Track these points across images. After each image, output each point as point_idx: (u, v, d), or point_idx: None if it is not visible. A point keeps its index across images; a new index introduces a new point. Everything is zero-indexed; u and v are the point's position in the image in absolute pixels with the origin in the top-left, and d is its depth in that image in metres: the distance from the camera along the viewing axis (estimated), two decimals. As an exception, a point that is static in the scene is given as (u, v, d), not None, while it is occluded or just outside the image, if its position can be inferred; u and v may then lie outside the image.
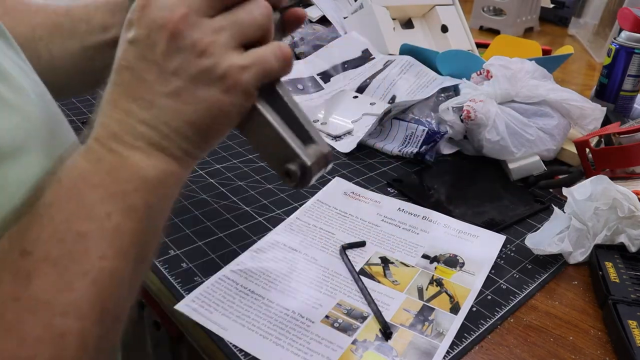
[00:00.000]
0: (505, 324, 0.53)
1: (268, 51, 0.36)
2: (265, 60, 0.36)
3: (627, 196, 0.59)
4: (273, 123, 0.37)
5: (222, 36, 0.34)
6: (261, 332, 0.50)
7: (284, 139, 0.37)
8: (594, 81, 1.07)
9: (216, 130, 0.36)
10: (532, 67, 0.80)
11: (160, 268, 0.57)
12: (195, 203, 0.68)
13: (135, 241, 0.34)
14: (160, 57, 0.34)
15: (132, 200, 0.34)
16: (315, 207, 0.68)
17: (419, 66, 0.96)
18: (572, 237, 0.61)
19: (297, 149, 0.37)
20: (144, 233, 0.35)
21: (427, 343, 0.50)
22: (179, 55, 0.34)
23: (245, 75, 0.35)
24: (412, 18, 1.18)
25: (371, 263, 0.59)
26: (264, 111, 0.37)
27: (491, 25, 1.54)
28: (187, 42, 0.34)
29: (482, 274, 0.59)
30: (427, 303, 0.54)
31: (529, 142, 0.76)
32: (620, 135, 0.78)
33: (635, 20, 0.94)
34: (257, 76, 0.35)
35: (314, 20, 1.32)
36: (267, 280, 0.56)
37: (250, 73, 0.35)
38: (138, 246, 0.34)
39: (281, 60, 0.36)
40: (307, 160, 0.37)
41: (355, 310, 0.53)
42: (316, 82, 1.01)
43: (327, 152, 0.38)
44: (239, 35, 0.35)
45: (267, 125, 0.37)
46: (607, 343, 0.52)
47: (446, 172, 0.80)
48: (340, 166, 0.79)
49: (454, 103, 0.80)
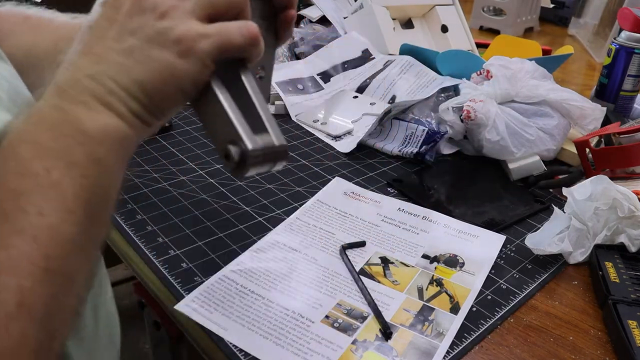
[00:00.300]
0: (505, 324, 0.53)
1: (233, 26, 0.36)
2: (227, 33, 0.35)
3: (627, 196, 0.59)
4: (223, 101, 0.36)
5: (187, 3, 0.35)
6: (261, 332, 0.50)
7: (231, 119, 0.36)
8: (594, 81, 1.07)
9: (167, 96, 0.35)
10: (532, 67, 0.80)
11: (160, 268, 0.57)
12: (195, 203, 0.68)
13: (81, 198, 0.32)
14: (122, 16, 0.34)
15: (74, 156, 0.32)
16: (315, 207, 0.68)
17: (419, 66, 0.96)
18: (572, 237, 0.61)
19: (241, 131, 0.35)
20: (90, 190, 0.33)
21: (427, 343, 0.50)
22: (141, 17, 0.34)
23: (203, 43, 0.34)
24: (412, 18, 1.18)
25: (371, 263, 0.59)
26: (216, 87, 0.36)
27: (491, 25, 1.54)
28: (149, 4, 0.34)
29: (482, 274, 0.59)
30: (427, 303, 0.54)
31: (529, 142, 0.76)
32: (620, 135, 0.78)
33: (635, 20, 0.94)
34: (215, 47, 0.35)
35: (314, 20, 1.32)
36: (267, 280, 0.56)
37: (208, 42, 0.35)
38: (85, 204, 0.33)
39: (246, 38, 0.36)
40: (249, 145, 0.35)
41: (355, 310, 0.53)
42: (316, 82, 1.01)
43: (278, 146, 0.37)
44: (207, 5, 0.35)
45: (217, 102, 0.36)
46: (607, 343, 0.52)
47: (446, 172, 0.80)
48: (340, 166, 0.79)
49: (454, 103, 0.80)
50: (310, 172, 0.77)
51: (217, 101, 0.36)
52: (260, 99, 0.38)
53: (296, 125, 0.91)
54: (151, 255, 0.59)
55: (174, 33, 0.34)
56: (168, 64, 0.34)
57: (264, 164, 0.37)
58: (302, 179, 0.75)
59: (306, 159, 0.81)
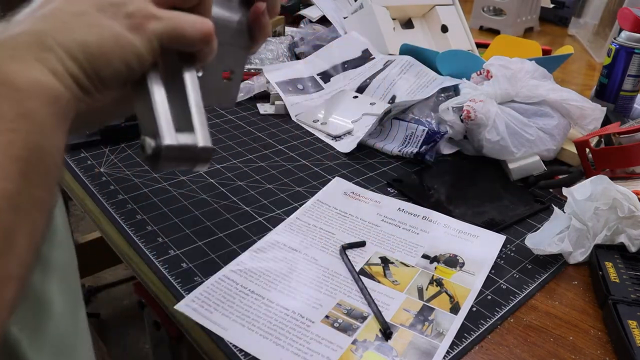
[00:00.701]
0: (505, 324, 0.53)
1: (187, 17, 0.36)
2: (179, 21, 0.35)
3: (627, 196, 0.59)
4: (152, 93, 0.36)
5: None
6: (261, 332, 0.50)
7: (154, 112, 0.35)
8: (594, 81, 1.07)
9: (109, 63, 0.34)
10: (532, 67, 0.80)
11: (160, 268, 0.57)
12: (195, 203, 0.68)
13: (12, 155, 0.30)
14: None
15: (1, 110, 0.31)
16: (315, 207, 0.68)
17: (419, 66, 0.96)
18: (572, 237, 0.61)
19: (161, 125, 0.35)
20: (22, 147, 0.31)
21: (427, 343, 0.50)
22: None
23: (153, 24, 0.35)
24: (412, 18, 1.18)
25: (371, 263, 0.59)
26: (151, 78, 0.36)
27: (491, 25, 1.54)
28: None
29: (482, 274, 0.59)
30: (427, 303, 0.54)
31: (529, 142, 0.76)
32: (620, 135, 0.78)
33: (635, 20, 0.94)
34: (165, 31, 0.35)
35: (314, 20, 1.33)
36: (267, 280, 0.56)
37: (158, 24, 0.35)
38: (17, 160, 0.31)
39: (197, 32, 0.36)
40: (164, 141, 0.35)
41: (355, 310, 0.53)
42: (316, 82, 1.01)
43: (200, 147, 0.36)
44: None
45: (147, 93, 0.36)
46: (607, 343, 0.52)
47: (446, 172, 0.80)
48: (340, 166, 0.79)
49: (454, 103, 0.80)
50: (310, 172, 0.77)
51: (147, 92, 0.36)
52: (197, 99, 0.37)
53: (296, 125, 0.91)
54: (151, 255, 0.59)
55: (127, 7, 0.34)
56: (115, 33, 0.34)
57: (181, 163, 0.36)
58: (302, 179, 0.75)
59: (306, 159, 0.81)
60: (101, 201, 0.68)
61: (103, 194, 0.69)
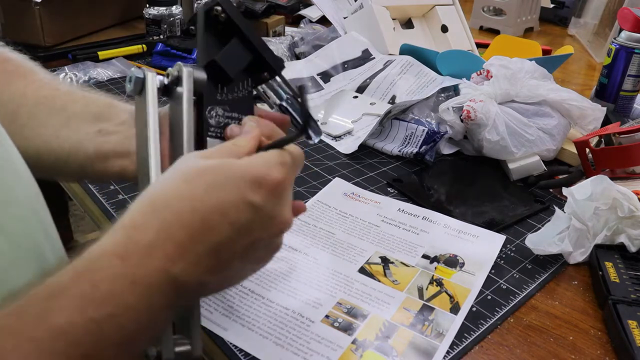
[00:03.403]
0: (505, 324, 0.53)
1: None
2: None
3: (627, 196, 0.59)
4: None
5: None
6: (261, 332, 0.50)
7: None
8: (594, 81, 1.07)
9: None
10: (532, 67, 0.80)
11: (160, 268, 0.57)
12: (195, 203, 0.68)
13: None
14: (243, 248, 0.37)
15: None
16: (315, 207, 0.68)
17: (419, 66, 0.96)
18: (572, 237, 0.61)
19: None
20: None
21: (427, 343, 0.50)
22: (265, 239, 0.38)
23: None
24: (412, 18, 1.18)
25: (371, 262, 0.59)
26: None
27: (491, 25, 1.54)
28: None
29: (482, 274, 0.59)
30: (427, 303, 0.54)
31: (529, 142, 0.76)
32: (620, 135, 0.78)
33: (635, 20, 0.94)
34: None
35: (314, 20, 1.33)
36: (267, 280, 0.56)
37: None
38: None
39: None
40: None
41: (355, 309, 0.53)
42: (316, 82, 1.01)
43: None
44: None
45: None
46: (607, 343, 0.52)
47: (446, 172, 0.80)
48: (340, 166, 0.79)
49: (454, 103, 0.80)
50: (310, 172, 0.77)
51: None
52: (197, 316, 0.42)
53: (296, 125, 0.91)
54: (151, 255, 0.59)
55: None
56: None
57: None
58: (302, 179, 0.75)
59: (306, 159, 0.80)
60: (101, 201, 0.67)
61: (103, 194, 0.69)
